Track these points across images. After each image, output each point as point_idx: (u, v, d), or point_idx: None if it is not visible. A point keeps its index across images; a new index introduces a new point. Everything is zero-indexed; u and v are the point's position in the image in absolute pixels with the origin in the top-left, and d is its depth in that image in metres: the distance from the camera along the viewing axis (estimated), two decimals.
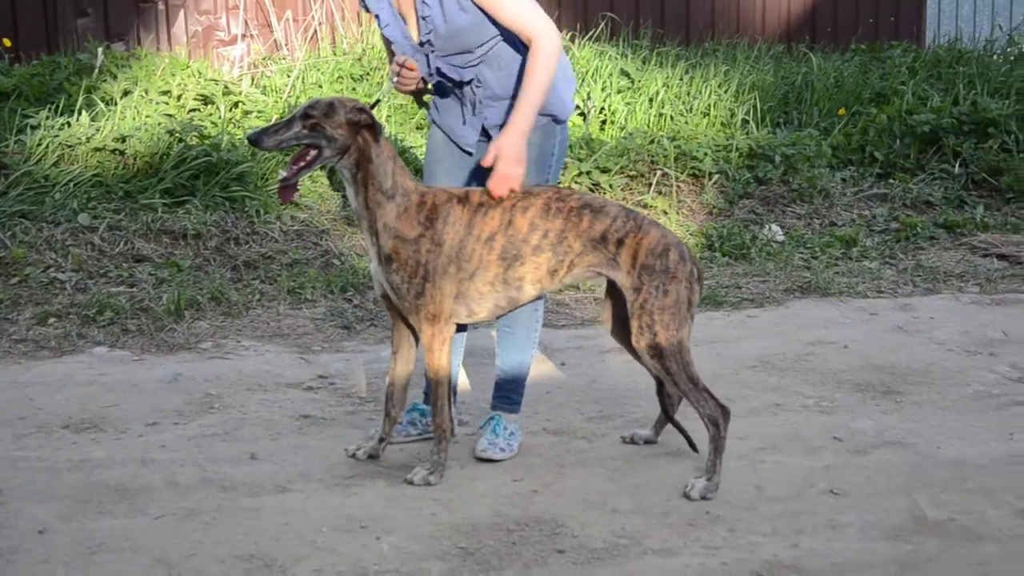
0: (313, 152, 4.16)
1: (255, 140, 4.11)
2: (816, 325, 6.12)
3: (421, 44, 4.42)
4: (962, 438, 4.76)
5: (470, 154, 4.58)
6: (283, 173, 4.20)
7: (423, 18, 4.36)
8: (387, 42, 4.56)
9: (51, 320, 5.84)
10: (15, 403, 4.97)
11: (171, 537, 3.88)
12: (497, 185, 4.24)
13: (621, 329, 4.49)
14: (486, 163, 4.26)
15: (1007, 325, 6.08)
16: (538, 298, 4.41)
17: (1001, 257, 7.22)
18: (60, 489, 4.20)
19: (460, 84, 4.44)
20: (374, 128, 4.15)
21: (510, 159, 4.23)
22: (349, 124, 4.13)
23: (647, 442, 4.72)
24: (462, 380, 5.19)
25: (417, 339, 4.43)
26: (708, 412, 4.28)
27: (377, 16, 4.48)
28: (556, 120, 4.54)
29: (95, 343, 5.68)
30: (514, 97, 4.40)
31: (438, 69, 4.42)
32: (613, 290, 4.44)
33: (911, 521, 4.08)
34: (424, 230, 4.19)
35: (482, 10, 4.32)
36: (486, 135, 4.54)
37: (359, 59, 9.49)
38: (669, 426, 4.68)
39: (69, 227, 6.52)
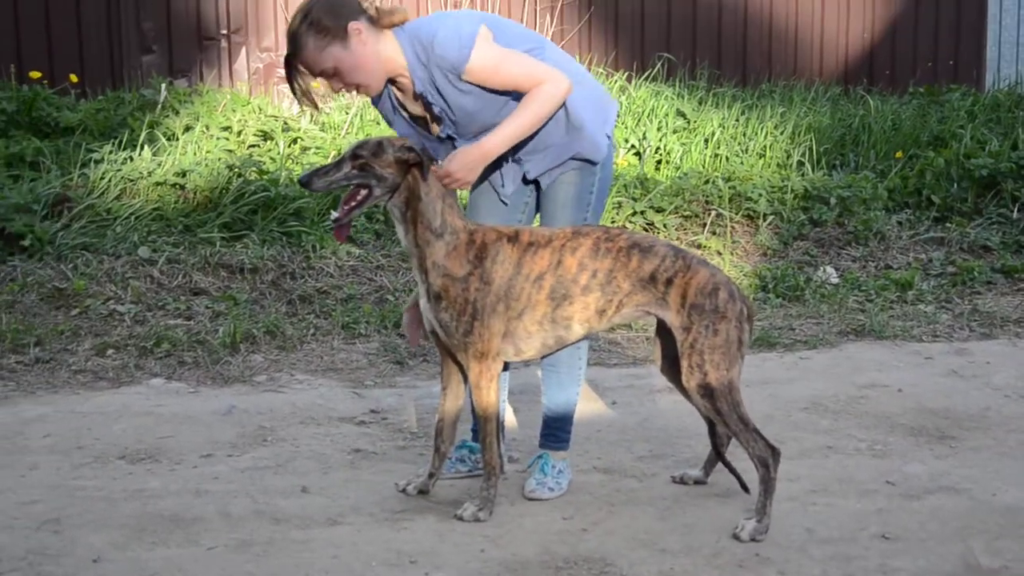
0: (364, 192, 4.21)
1: (306, 182, 4.17)
2: (869, 368, 6.09)
3: (443, 139, 4.45)
4: (1019, 484, 4.71)
5: (506, 204, 4.61)
6: (335, 214, 4.25)
7: (438, 116, 4.39)
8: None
9: (109, 351, 5.92)
10: (73, 433, 5.04)
11: (223, 568, 3.92)
12: (436, 173, 4.25)
13: (671, 368, 4.50)
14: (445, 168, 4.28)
15: None
16: (585, 337, 4.42)
17: None
18: (116, 518, 4.25)
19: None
20: (422, 166, 4.19)
21: (460, 161, 4.25)
22: (398, 163, 4.18)
23: (697, 482, 4.71)
24: (509, 417, 5.20)
25: (466, 376, 4.46)
26: (758, 453, 4.27)
27: (389, 121, 4.51)
28: (590, 162, 4.55)
29: (152, 375, 5.75)
30: (548, 149, 4.45)
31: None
32: (663, 329, 4.45)
33: (964, 568, 4.04)
34: (473, 268, 4.22)
35: (482, 87, 4.30)
36: (526, 180, 4.58)
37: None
38: (719, 466, 4.68)
39: (129, 260, 6.62)
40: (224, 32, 9.87)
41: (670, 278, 4.26)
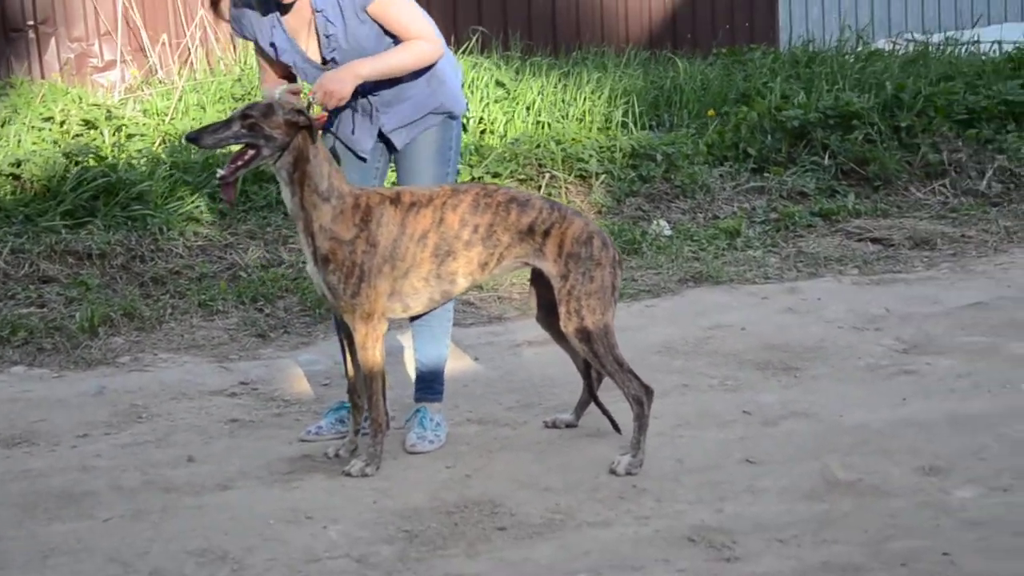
0: (251, 152, 4.29)
1: (195, 139, 4.24)
2: (712, 311, 6.40)
3: (325, 63, 4.59)
4: (860, 406, 5.05)
5: (365, 160, 4.75)
6: (220, 171, 4.33)
7: (327, 36, 4.53)
8: (263, 66, 4.73)
9: None
10: None
11: (122, 537, 3.98)
12: (316, 90, 4.47)
13: (547, 316, 4.70)
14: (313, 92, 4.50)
15: (888, 302, 6.43)
16: (469, 289, 4.60)
17: (875, 241, 7.60)
18: (5, 498, 4.27)
19: (358, 95, 4.61)
20: (312, 129, 4.30)
21: (330, 77, 4.47)
22: (287, 124, 4.28)
23: (568, 426, 4.92)
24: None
25: None
26: (633, 392, 4.52)
27: (272, 45, 4.61)
28: (451, 116, 4.77)
29: (12, 363, 5.71)
30: (407, 101, 4.65)
31: None
32: (538, 280, 4.65)
33: (823, 484, 4.34)
34: (359, 231, 4.34)
35: (376, 21, 4.52)
36: (382, 139, 4.73)
37: (238, 79, 9.57)
38: (589, 410, 4.90)
39: None
40: (31, 23, 9.68)
41: (547, 229, 4.46)
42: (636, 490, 4.33)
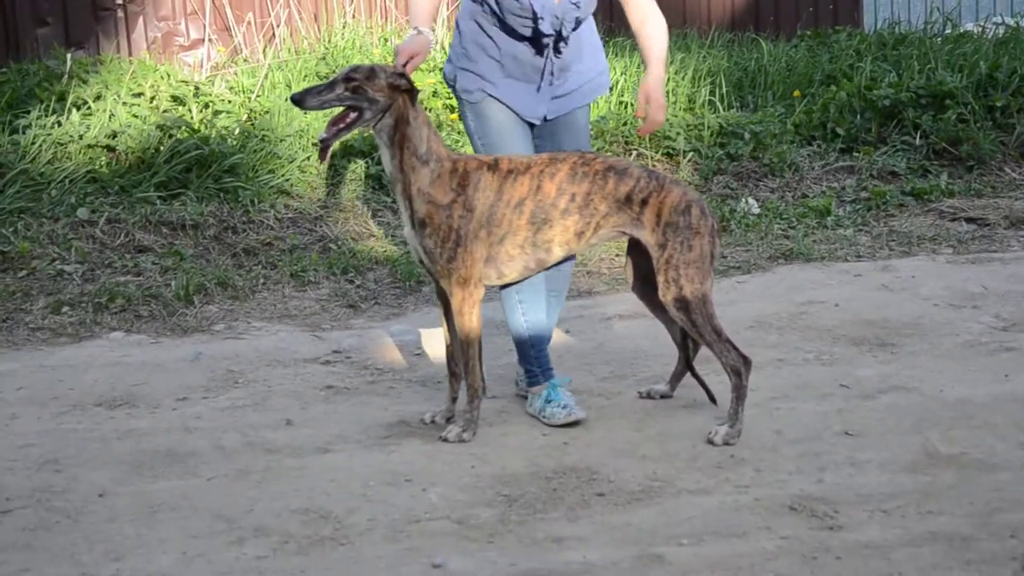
0: (353, 114, 4.31)
1: (299, 100, 4.26)
2: (804, 287, 6.34)
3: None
4: (961, 381, 4.99)
5: (533, 126, 4.77)
6: (323, 134, 4.35)
7: None
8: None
9: (64, 309, 5.93)
10: (46, 384, 5.07)
11: (226, 495, 4.02)
12: (648, 129, 4.69)
13: (643, 287, 4.69)
14: (639, 112, 4.67)
15: (985, 280, 6.34)
16: (565, 259, 4.57)
17: (969, 220, 7.49)
18: (112, 456, 4.33)
19: (555, 48, 4.63)
20: (413, 93, 4.31)
21: (659, 104, 4.65)
22: (390, 88, 4.29)
23: (663, 396, 4.90)
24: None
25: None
26: (731, 362, 4.50)
27: None
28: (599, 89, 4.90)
29: (111, 329, 5.78)
30: (574, 71, 4.72)
31: (555, 42, 4.60)
32: (634, 249, 4.63)
33: (925, 456, 4.29)
34: (456, 196, 4.35)
35: None
36: None
37: (322, 58, 9.61)
38: (684, 381, 4.87)
39: (69, 222, 6.61)
40: (120, 2, 9.76)
41: (645, 198, 4.44)
42: (734, 460, 4.30)
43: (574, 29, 4.62)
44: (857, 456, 4.31)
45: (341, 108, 4.34)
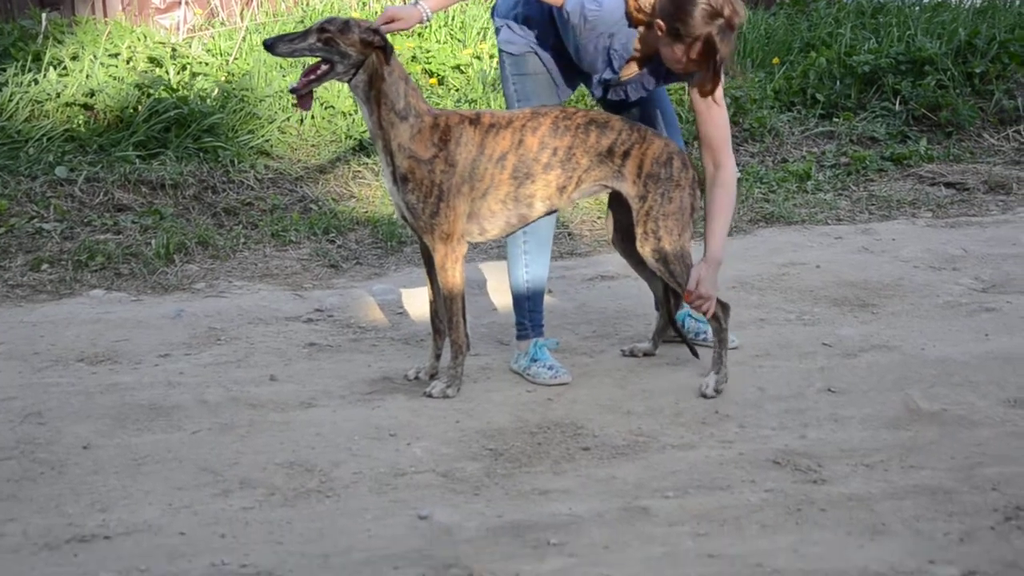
0: (325, 66, 4.28)
1: (271, 46, 4.23)
2: (785, 249, 6.35)
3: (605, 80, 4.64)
4: (942, 340, 5.01)
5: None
6: (294, 84, 4.33)
7: (644, 87, 4.65)
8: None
9: (44, 266, 5.89)
10: (26, 340, 5.04)
11: (211, 448, 4.01)
12: (697, 308, 4.51)
13: (622, 240, 4.69)
14: (686, 297, 4.50)
15: (965, 244, 6.37)
16: (546, 214, 4.56)
17: (948, 185, 7.52)
18: (96, 410, 4.31)
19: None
20: (386, 49, 4.28)
21: (709, 287, 4.48)
22: (362, 43, 4.26)
23: (646, 354, 4.91)
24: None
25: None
26: None
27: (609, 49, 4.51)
28: None
29: (91, 286, 5.74)
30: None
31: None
32: (615, 202, 4.63)
33: (907, 412, 4.32)
34: (438, 151, 4.33)
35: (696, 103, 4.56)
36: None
37: (300, 21, 9.55)
38: (665, 338, 4.89)
39: (47, 180, 6.55)
40: None
41: (627, 150, 4.44)
42: (719, 416, 4.31)
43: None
44: (840, 412, 4.33)
45: (314, 59, 4.32)
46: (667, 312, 4.79)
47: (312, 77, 4.31)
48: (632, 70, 4.58)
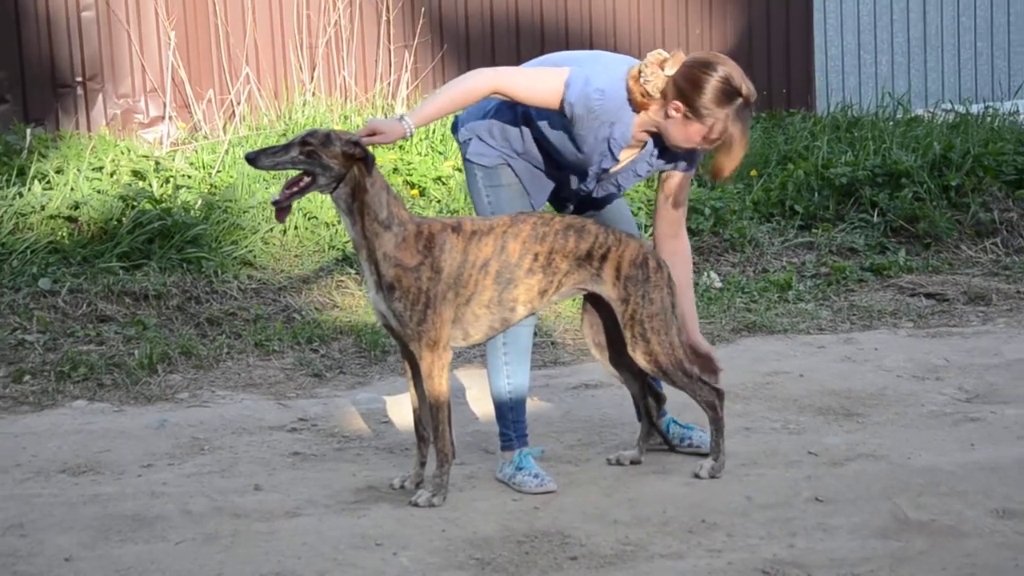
0: (307, 179, 4.31)
1: (253, 159, 4.26)
2: (769, 358, 6.37)
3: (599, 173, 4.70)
4: (928, 449, 5.01)
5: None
6: (275, 196, 4.35)
7: (636, 174, 4.72)
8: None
9: (26, 377, 5.87)
10: (8, 451, 5.01)
11: (195, 559, 3.96)
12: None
13: (599, 343, 4.78)
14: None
15: (947, 354, 6.39)
16: (526, 317, 4.59)
17: (928, 296, 7.57)
18: (78, 521, 4.27)
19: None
20: (367, 161, 4.31)
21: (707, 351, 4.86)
22: (344, 156, 4.29)
23: (633, 462, 4.90)
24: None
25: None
26: (705, 397, 4.66)
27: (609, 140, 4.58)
28: None
29: (73, 397, 5.72)
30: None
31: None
32: (588, 306, 4.72)
33: (895, 522, 4.30)
34: (423, 258, 4.35)
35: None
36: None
37: (283, 134, 9.65)
38: (650, 446, 4.91)
39: (30, 291, 6.56)
40: (79, 79, 9.75)
41: (604, 253, 4.52)
42: (706, 524, 4.29)
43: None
44: (828, 521, 4.31)
45: (296, 171, 4.34)
46: (648, 417, 4.83)
47: (295, 189, 4.33)
48: (626, 156, 4.64)
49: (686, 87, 4.38)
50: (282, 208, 4.37)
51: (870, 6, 12.79)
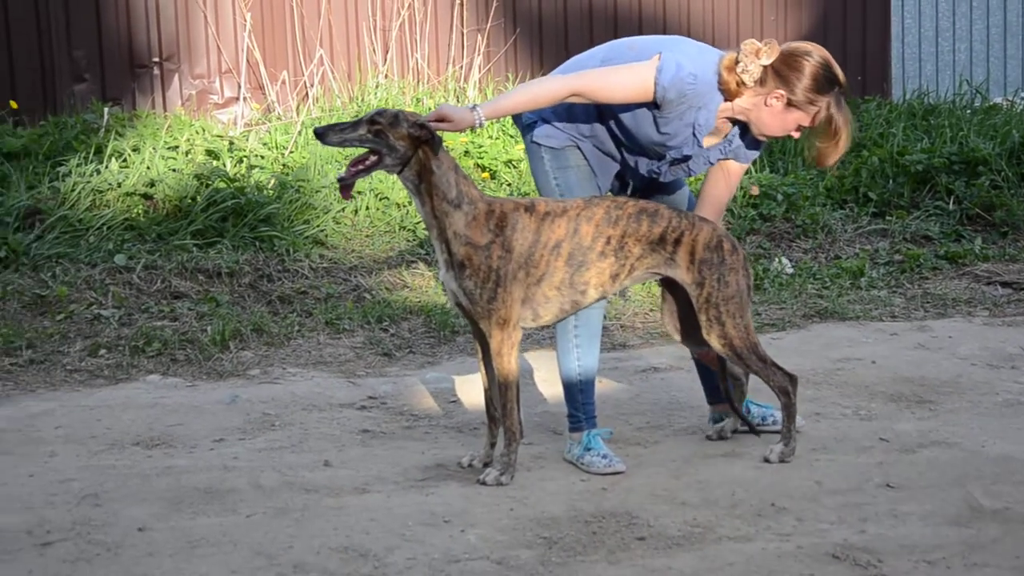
0: (373, 157, 4.33)
1: (321, 134, 4.28)
2: (840, 344, 6.32)
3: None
4: (1003, 438, 4.94)
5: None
6: (341, 173, 4.37)
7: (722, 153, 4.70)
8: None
9: (101, 351, 5.95)
10: (84, 424, 5.08)
11: (265, 532, 4.00)
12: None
13: (680, 326, 4.74)
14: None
15: (1022, 342, 6.30)
16: (598, 301, 4.58)
17: (1005, 284, 7.48)
18: (152, 492, 4.33)
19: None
20: (433, 143, 4.32)
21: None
22: (410, 138, 4.30)
23: (734, 432, 4.95)
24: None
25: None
26: (778, 383, 4.64)
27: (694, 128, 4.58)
28: None
29: (147, 372, 5.79)
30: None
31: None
32: (666, 290, 4.69)
33: (968, 510, 4.24)
34: (495, 237, 4.36)
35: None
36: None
37: (356, 116, 9.69)
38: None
39: (106, 267, 6.66)
40: (156, 59, 9.86)
41: (678, 238, 4.50)
42: (775, 508, 4.26)
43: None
44: (899, 508, 4.26)
45: (363, 149, 4.36)
46: (729, 401, 4.82)
47: (360, 168, 4.35)
48: (708, 143, 4.63)
49: (788, 74, 4.40)
50: (346, 185, 4.40)
51: None
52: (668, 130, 4.53)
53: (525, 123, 4.74)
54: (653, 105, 4.47)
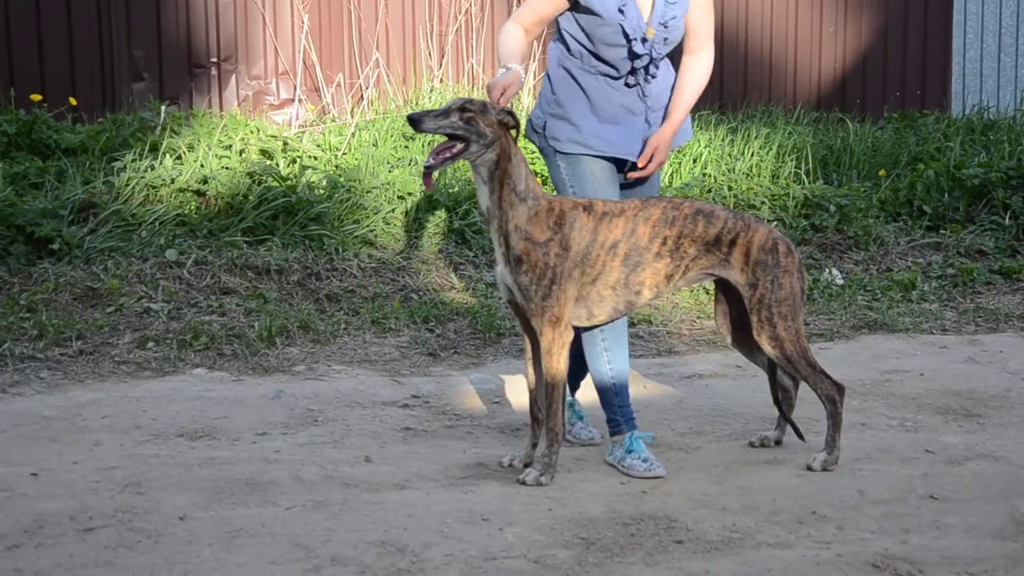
0: (460, 144, 4.34)
1: (418, 120, 4.29)
2: (888, 356, 6.27)
3: (637, 56, 4.64)
4: None
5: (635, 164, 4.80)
6: (428, 160, 4.37)
7: (663, 24, 4.64)
8: (529, 24, 4.67)
9: (150, 344, 6.00)
10: (129, 415, 5.13)
11: (304, 525, 4.01)
12: (649, 168, 4.69)
13: (733, 328, 4.74)
14: (642, 161, 4.65)
15: None
16: (652, 300, 4.59)
17: None
18: (194, 482, 4.36)
19: (646, 73, 4.69)
20: (519, 129, 4.40)
21: (664, 151, 4.69)
22: (499, 124, 4.35)
23: (776, 443, 4.92)
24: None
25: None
26: (825, 391, 4.62)
27: (620, 10, 4.58)
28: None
29: (194, 365, 5.83)
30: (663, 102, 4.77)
31: (646, 66, 4.66)
32: (720, 292, 4.67)
33: (1013, 524, 4.20)
34: (553, 234, 4.37)
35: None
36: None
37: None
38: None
39: (157, 262, 6.72)
40: (214, 60, 9.96)
41: (733, 239, 4.49)
42: (816, 516, 4.23)
43: (665, 54, 4.72)
44: (942, 520, 4.22)
45: (443, 137, 4.38)
46: (778, 407, 4.80)
47: (448, 155, 4.36)
48: (642, 3, 4.64)
49: None
50: (431, 172, 4.42)
51: (1013, 8, 12.51)
52: (606, 15, 4.55)
53: (537, 127, 4.76)
54: (575, 6, 4.57)
